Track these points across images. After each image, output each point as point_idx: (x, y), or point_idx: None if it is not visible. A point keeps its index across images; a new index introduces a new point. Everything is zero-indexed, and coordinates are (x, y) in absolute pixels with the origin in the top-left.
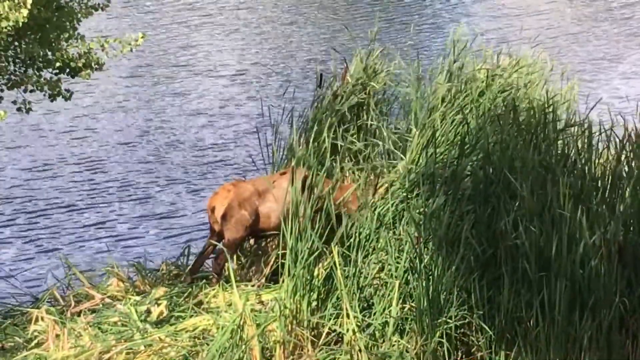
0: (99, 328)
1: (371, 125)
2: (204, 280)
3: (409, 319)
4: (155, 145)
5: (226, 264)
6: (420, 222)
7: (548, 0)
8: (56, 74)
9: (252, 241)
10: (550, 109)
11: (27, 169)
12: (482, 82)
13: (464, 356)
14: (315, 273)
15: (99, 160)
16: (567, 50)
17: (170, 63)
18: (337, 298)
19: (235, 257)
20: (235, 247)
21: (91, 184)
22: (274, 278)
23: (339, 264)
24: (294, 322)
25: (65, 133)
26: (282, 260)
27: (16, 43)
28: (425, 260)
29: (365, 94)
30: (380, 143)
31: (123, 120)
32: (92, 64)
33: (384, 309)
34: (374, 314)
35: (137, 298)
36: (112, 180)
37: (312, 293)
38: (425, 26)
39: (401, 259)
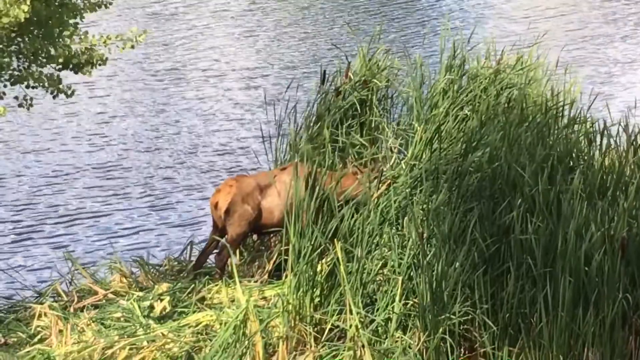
0: (102, 323)
1: (374, 121)
2: (207, 276)
3: (412, 315)
4: (164, 144)
5: (229, 259)
6: (424, 218)
7: (572, 3)
8: (59, 70)
9: (254, 237)
10: (557, 106)
11: (43, 174)
12: (486, 78)
13: (467, 352)
14: (319, 269)
15: (109, 163)
16: (592, 52)
17: (176, 65)
18: (340, 294)
19: (238, 252)
20: (238, 242)
21: (97, 183)
22: (276, 274)
23: (342, 260)
24: (297, 318)
25: (80, 138)
26: (285, 256)
27: (19, 39)
28: (429, 256)
29: (367, 90)
30: (383, 139)
31: (134, 125)
32: (95, 60)
33: (387, 305)
34: (377, 310)
35: (140, 294)
36: (117, 178)
37: (315, 289)
38: (439, 28)
39: (404, 255)
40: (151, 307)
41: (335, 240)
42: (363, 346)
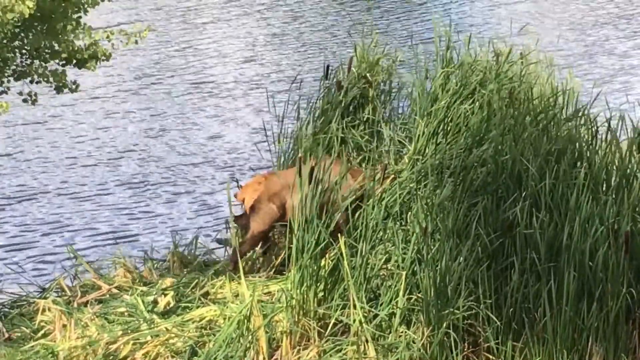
0: (106, 318)
1: (376, 114)
2: (212, 271)
3: (416, 310)
4: (169, 142)
5: (246, 254)
6: (428, 213)
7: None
8: (62, 65)
9: None
10: (560, 100)
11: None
12: (486, 71)
13: (471, 347)
14: (322, 264)
15: (116, 158)
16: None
17: (181, 64)
18: (344, 289)
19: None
20: (258, 239)
21: (106, 179)
22: (281, 269)
23: (346, 255)
24: (301, 312)
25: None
26: (289, 252)
27: (22, 34)
28: (433, 251)
29: (368, 84)
30: (385, 133)
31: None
32: (99, 55)
33: (390, 300)
34: (381, 304)
35: (144, 288)
36: (123, 175)
37: (318, 284)
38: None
39: (408, 250)
40: (155, 302)
41: (339, 234)
42: (367, 341)
